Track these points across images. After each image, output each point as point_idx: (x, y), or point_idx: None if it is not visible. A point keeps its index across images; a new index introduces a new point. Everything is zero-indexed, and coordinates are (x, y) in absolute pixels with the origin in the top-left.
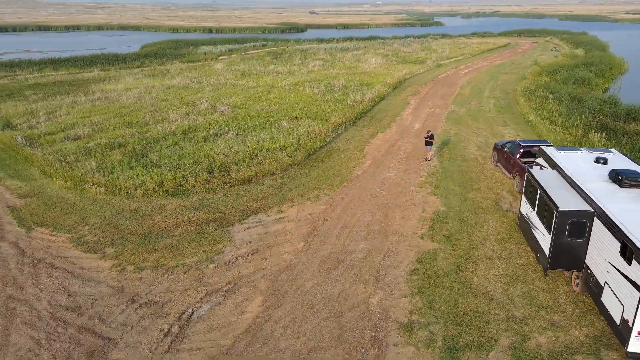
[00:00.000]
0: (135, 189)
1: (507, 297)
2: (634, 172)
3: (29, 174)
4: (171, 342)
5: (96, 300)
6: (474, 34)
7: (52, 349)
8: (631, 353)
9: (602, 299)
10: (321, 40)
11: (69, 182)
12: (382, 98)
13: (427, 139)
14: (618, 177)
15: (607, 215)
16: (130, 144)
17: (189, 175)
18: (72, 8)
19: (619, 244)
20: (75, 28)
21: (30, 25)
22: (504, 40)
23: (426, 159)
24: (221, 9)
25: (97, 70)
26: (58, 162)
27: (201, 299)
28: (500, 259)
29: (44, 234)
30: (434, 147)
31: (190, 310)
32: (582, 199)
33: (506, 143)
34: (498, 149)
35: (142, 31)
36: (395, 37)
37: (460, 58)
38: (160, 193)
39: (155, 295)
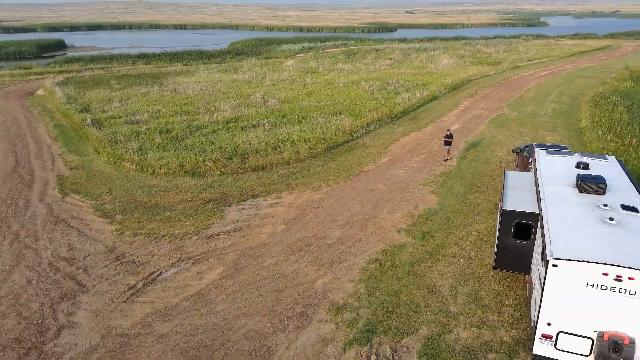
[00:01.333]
0: (160, 168)
1: (452, 293)
2: (598, 178)
3: (84, 150)
4: (130, 295)
5: (89, 255)
6: (575, 35)
7: (37, 288)
8: (536, 355)
9: (530, 303)
10: (404, 40)
11: (111, 159)
12: (434, 98)
13: (445, 139)
14: (579, 182)
15: (541, 218)
16: (175, 130)
17: (209, 160)
18: (187, 8)
19: (542, 247)
20: (183, 27)
21: (145, 24)
22: (604, 43)
23: (445, 158)
24: (319, 8)
25: (181, 65)
26: (109, 141)
27: (172, 264)
28: (466, 258)
29: (74, 199)
30: (459, 148)
31: (158, 272)
32: (536, 202)
33: (525, 147)
34: (517, 152)
35: (239, 30)
36: (484, 38)
37: (544, 60)
38: (180, 173)
39: (137, 257)
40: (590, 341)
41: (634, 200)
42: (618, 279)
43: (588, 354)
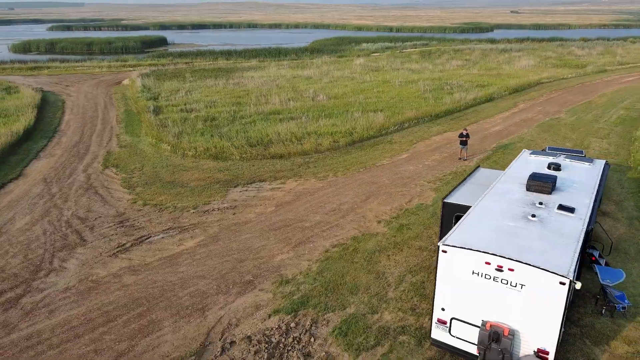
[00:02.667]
0: (189, 150)
1: (398, 281)
2: (547, 178)
3: (138, 132)
4: (117, 252)
5: (100, 217)
6: None
7: (48, 238)
8: (434, 340)
9: None
10: (491, 41)
11: (153, 140)
12: (489, 100)
13: (460, 138)
14: (527, 181)
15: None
16: (220, 119)
17: (233, 146)
18: (287, 8)
19: None
20: (277, 26)
21: (243, 23)
22: None
23: (460, 158)
24: (420, 8)
25: (256, 61)
26: (158, 125)
27: (163, 230)
28: (431, 251)
29: (111, 172)
30: (487, 149)
31: (148, 236)
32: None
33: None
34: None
35: (329, 29)
36: (583, 39)
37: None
38: (205, 156)
39: (138, 223)
40: (478, 329)
41: (582, 202)
42: (499, 269)
43: (476, 342)
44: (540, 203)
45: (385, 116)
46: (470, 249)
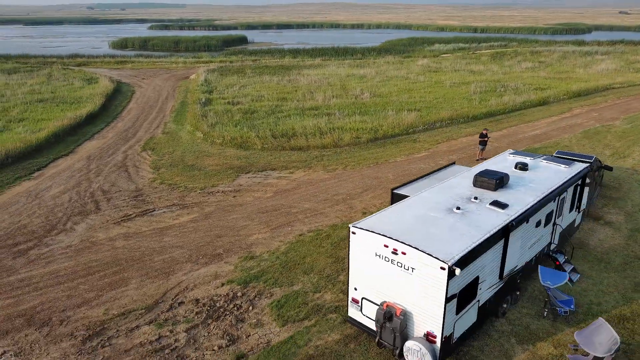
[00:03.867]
0: (217, 139)
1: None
2: (493, 174)
3: (183, 121)
4: (121, 220)
5: (120, 191)
6: None
7: (70, 204)
8: (349, 318)
9: None
10: (579, 43)
11: (191, 129)
12: (542, 103)
13: (480, 138)
14: (475, 177)
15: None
16: (260, 112)
17: (258, 137)
18: (373, 9)
19: None
20: (360, 26)
21: (326, 23)
22: None
23: (478, 159)
24: (515, 8)
25: (320, 60)
26: (200, 116)
27: (166, 206)
28: None
29: (146, 154)
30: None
31: (152, 210)
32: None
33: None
34: None
35: (411, 29)
36: None
37: None
38: (230, 144)
39: (149, 198)
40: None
41: (523, 200)
42: (394, 252)
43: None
44: (476, 198)
45: (419, 115)
46: (373, 232)
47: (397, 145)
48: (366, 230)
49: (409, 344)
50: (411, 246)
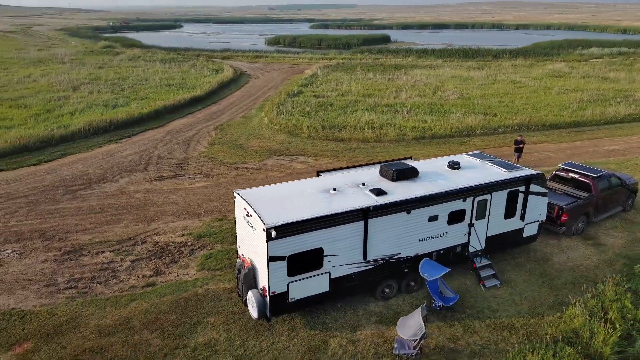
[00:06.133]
0: (276, 125)
1: None
2: (395, 166)
3: (264, 109)
4: (154, 179)
5: (171, 158)
6: None
7: (128, 163)
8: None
9: None
10: None
11: (263, 115)
12: None
13: (515, 145)
14: (381, 167)
15: None
16: (335, 105)
17: (308, 126)
18: (556, 8)
19: None
20: (525, 27)
21: (487, 24)
22: None
23: None
24: None
25: (441, 60)
26: (277, 105)
27: (194, 173)
28: None
29: (215, 133)
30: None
31: (182, 175)
32: None
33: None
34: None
35: (586, 31)
36: None
37: None
38: (284, 131)
39: (187, 166)
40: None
41: (410, 192)
42: (248, 214)
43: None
44: (364, 184)
45: (485, 119)
46: (241, 196)
47: (440, 145)
48: (239, 195)
49: (249, 294)
50: (254, 210)
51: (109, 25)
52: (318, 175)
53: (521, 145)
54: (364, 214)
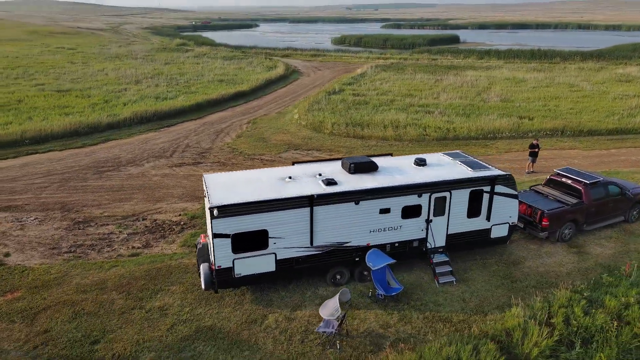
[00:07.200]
0: (303, 121)
1: None
2: (355, 160)
3: (299, 105)
4: (174, 165)
5: (197, 147)
6: None
7: (157, 150)
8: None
9: None
10: None
11: (295, 110)
12: None
13: (530, 149)
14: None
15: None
16: (370, 104)
17: (332, 123)
18: None
19: None
20: (617, 27)
21: (572, 24)
22: None
23: (527, 172)
24: None
25: (502, 61)
26: (311, 102)
27: (212, 162)
28: None
29: (245, 126)
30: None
31: (200, 162)
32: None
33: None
34: None
35: None
36: None
37: None
38: (309, 127)
39: (208, 155)
40: None
41: (362, 185)
42: (205, 195)
43: None
44: (320, 174)
45: (519, 123)
46: (204, 180)
47: (460, 146)
48: (204, 178)
49: (201, 266)
50: (207, 191)
51: (191, 25)
52: (293, 165)
53: (536, 150)
54: (310, 201)
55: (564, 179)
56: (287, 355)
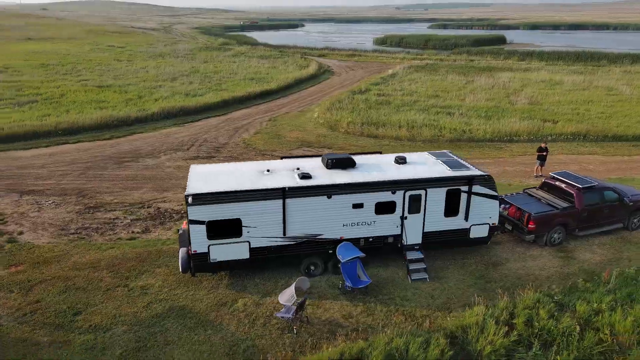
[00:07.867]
0: (321, 120)
1: None
2: (333, 157)
3: (321, 104)
4: (190, 158)
5: (214, 142)
6: None
7: (177, 144)
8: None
9: None
10: None
11: (316, 109)
12: None
13: (539, 153)
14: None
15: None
16: (392, 104)
17: (348, 122)
18: None
19: None
20: None
21: (632, 25)
22: None
23: (536, 176)
24: None
25: (544, 63)
26: (333, 102)
27: (225, 156)
28: None
29: (266, 123)
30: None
31: (213, 157)
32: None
33: None
34: None
35: None
36: None
37: None
38: (326, 125)
39: (224, 150)
40: None
41: (335, 179)
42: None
43: None
44: (298, 169)
45: (541, 126)
46: (189, 171)
47: (473, 148)
48: (189, 170)
49: (180, 251)
50: (188, 181)
51: (240, 25)
52: (281, 159)
53: (544, 154)
54: (282, 194)
55: (557, 183)
56: (246, 336)
